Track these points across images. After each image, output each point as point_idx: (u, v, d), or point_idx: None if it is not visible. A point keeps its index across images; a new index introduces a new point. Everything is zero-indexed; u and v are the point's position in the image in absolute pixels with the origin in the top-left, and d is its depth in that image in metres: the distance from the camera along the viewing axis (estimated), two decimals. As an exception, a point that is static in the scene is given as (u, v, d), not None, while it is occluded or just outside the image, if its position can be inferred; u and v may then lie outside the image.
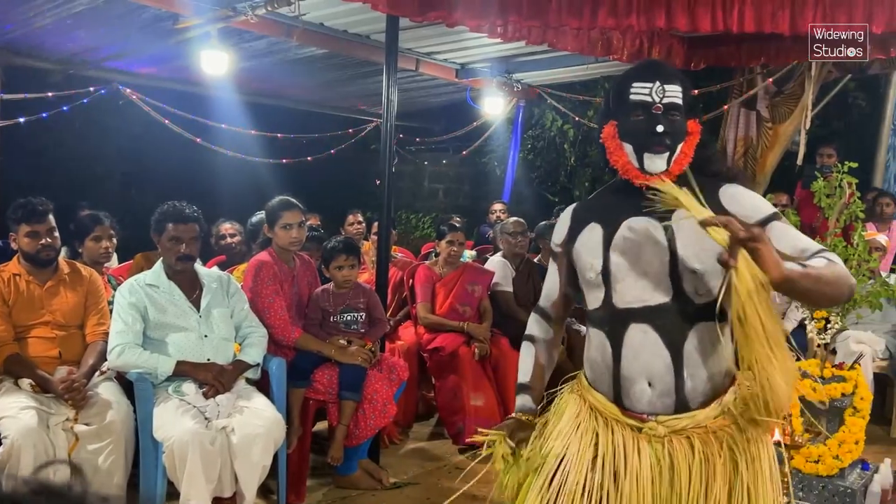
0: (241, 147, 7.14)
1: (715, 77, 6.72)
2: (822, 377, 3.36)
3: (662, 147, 1.81)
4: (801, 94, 6.47)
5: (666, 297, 1.79)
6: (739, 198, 1.81)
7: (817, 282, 1.60)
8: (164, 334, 3.39)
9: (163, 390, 3.31)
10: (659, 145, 1.81)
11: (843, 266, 1.68)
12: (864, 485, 3.32)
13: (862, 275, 3.44)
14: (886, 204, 6.00)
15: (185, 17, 5.14)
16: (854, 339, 4.82)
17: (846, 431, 3.31)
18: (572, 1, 4.48)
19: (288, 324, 3.82)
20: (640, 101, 1.83)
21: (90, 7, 4.90)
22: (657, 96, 1.82)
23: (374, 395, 3.82)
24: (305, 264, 4.14)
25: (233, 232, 5.07)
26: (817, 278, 1.60)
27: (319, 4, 4.96)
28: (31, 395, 3.17)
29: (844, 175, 3.42)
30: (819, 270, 1.61)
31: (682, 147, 1.84)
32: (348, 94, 8.05)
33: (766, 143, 6.77)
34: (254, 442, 3.19)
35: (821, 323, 3.41)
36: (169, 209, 3.50)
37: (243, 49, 5.89)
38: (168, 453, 3.08)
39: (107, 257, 4.19)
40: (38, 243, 3.37)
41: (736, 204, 1.79)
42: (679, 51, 5.99)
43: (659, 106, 1.82)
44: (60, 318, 3.42)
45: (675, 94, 1.84)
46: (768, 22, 4.49)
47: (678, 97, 1.84)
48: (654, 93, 1.83)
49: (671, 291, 1.79)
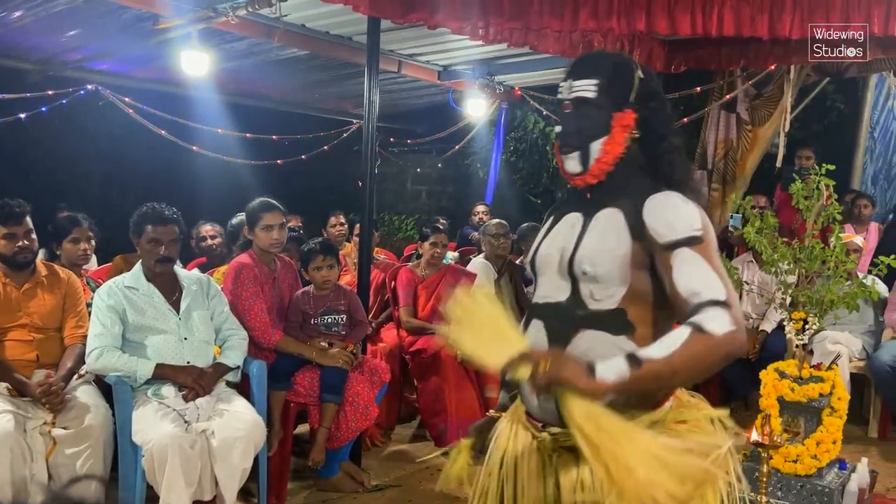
0: (223, 148, 7.10)
1: (695, 80, 6.77)
2: (800, 377, 3.39)
3: (568, 147, 1.70)
4: (781, 96, 6.54)
5: (563, 295, 1.67)
6: (660, 211, 1.59)
7: (657, 379, 1.43)
8: (143, 337, 3.37)
9: (142, 393, 3.28)
10: (564, 146, 1.71)
11: (721, 333, 1.43)
12: (842, 484, 3.35)
13: (839, 276, 3.47)
14: (864, 205, 6.06)
15: (165, 17, 5.10)
16: (831, 340, 4.86)
17: (824, 431, 3.33)
18: (553, 3, 4.50)
19: (269, 326, 3.81)
20: (559, 100, 1.74)
21: (69, 7, 4.87)
22: (566, 93, 1.71)
23: (355, 398, 3.81)
24: (286, 266, 4.12)
25: (213, 234, 5.05)
26: (655, 376, 1.42)
27: (301, 6, 4.95)
28: (8, 399, 3.14)
29: (822, 177, 3.46)
30: (662, 361, 1.41)
31: (602, 145, 1.67)
32: (330, 95, 8.03)
33: (745, 145, 6.83)
34: (234, 445, 3.17)
35: (799, 324, 3.43)
36: (148, 211, 3.48)
37: (224, 50, 5.87)
38: (147, 457, 3.05)
39: (85, 259, 4.15)
40: (16, 245, 3.33)
41: (653, 217, 1.59)
42: (660, 53, 6.03)
43: (568, 103, 1.71)
44: (38, 321, 3.38)
45: (585, 87, 1.67)
46: (747, 26, 4.53)
47: (589, 90, 1.67)
48: (565, 90, 1.72)
49: (568, 291, 1.66)
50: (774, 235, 3.54)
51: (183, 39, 5.34)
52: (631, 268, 1.59)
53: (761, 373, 3.50)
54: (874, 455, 4.48)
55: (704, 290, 1.48)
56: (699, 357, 1.43)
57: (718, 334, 1.42)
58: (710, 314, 1.45)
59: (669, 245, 1.55)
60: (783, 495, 3.30)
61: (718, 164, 6.93)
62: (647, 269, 1.60)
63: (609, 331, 1.59)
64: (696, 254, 1.53)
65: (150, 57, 6.04)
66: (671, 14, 4.58)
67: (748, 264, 5.42)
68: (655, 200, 1.60)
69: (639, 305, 1.60)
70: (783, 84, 6.48)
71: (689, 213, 1.58)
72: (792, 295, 3.49)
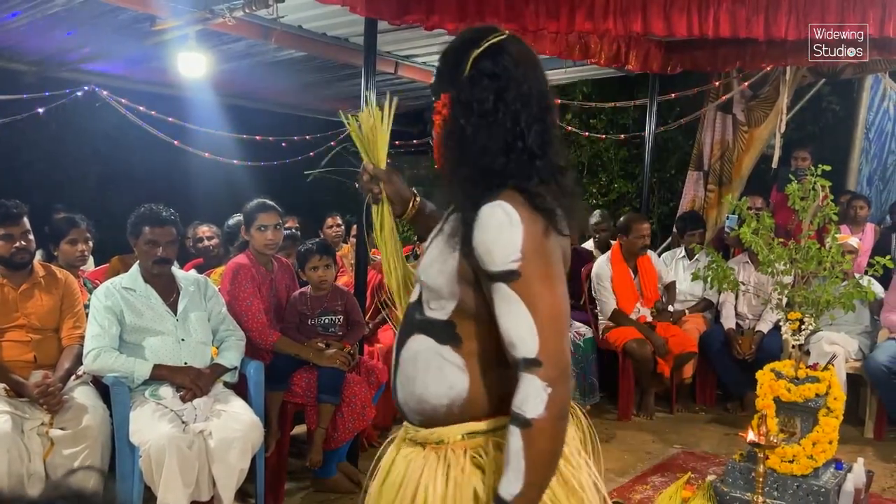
0: (219, 149, 7.08)
1: (692, 81, 6.79)
2: (797, 378, 3.40)
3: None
4: (777, 98, 6.57)
5: (415, 296, 1.59)
6: (481, 232, 1.38)
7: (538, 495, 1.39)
8: (140, 338, 3.37)
9: (139, 394, 3.28)
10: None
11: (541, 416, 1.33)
12: (838, 484, 3.35)
13: (836, 276, 3.49)
14: (860, 207, 6.08)
15: (162, 18, 5.10)
16: (827, 341, 4.88)
17: (820, 431, 3.34)
18: (550, 5, 4.51)
19: (266, 327, 3.81)
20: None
21: (66, 8, 4.86)
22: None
23: (352, 398, 3.81)
24: (283, 267, 4.12)
25: (210, 234, 5.05)
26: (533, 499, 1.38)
27: (298, 7, 4.95)
28: (6, 400, 3.14)
29: (818, 178, 3.47)
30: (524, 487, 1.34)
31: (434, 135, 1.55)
32: (327, 96, 8.03)
33: (741, 146, 6.86)
34: (231, 446, 3.17)
35: (795, 324, 3.44)
36: (145, 212, 3.48)
37: (221, 51, 5.87)
38: (145, 457, 3.06)
39: (82, 260, 4.15)
40: (13, 246, 3.34)
41: (476, 238, 1.39)
42: (656, 55, 6.05)
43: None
44: (35, 322, 3.38)
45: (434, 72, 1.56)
46: (743, 27, 4.55)
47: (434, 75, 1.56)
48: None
49: (418, 293, 1.57)
50: (770, 236, 3.55)
51: (180, 41, 5.33)
52: (460, 284, 1.46)
53: (758, 373, 3.51)
54: (870, 455, 4.50)
55: (518, 344, 1.35)
56: (545, 454, 1.35)
57: (541, 417, 1.33)
58: (525, 391, 1.34)
59: (489, 276, 1.38)
60: (779, 495, 3.31)
61: (714, 165, 6.95)
62: (476, 287, 1.45)
63: (436, 339, 1.50)
64: (511, 292, 1.35)
65: (147, 58, 6.04)
66: (667, 15, 4.59)
67: (744, 265, 5.44)
68: (482, 215, 1.38)
69: (468, 321, 1.47)
70: (779, 85, 6.51)
71: (508, 240, 1.35)
72: (788, 295, 3.51)
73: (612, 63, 5.84)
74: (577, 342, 5.33)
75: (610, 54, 5.72)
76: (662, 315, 5.47)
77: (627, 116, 8.74)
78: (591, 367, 5.37)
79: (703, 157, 7.00)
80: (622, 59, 5.83)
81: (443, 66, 1.53)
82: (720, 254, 3.95)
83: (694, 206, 6.96)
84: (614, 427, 5.01)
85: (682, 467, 4.20)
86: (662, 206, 8.97)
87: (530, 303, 1.35)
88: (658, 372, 5.17)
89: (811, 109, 7.51)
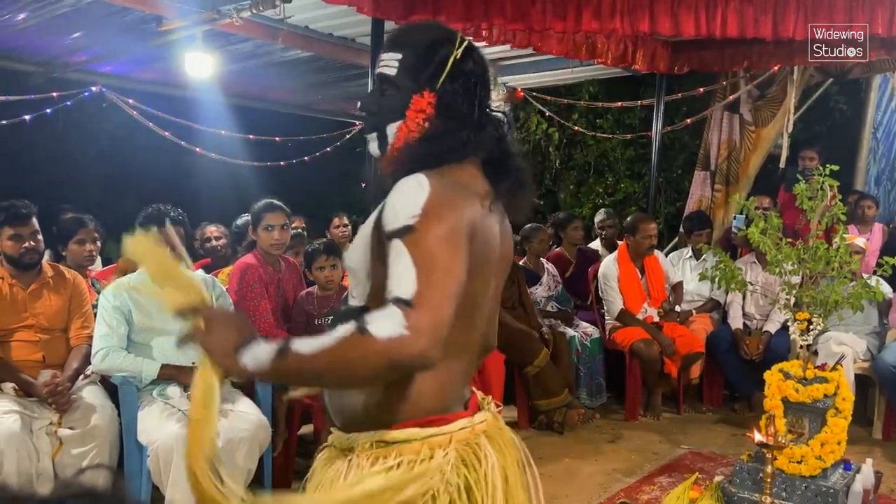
0: (226, 150, 7.12)
1: (699, 81, 6.78)
2: (805, 378, 3.39)
3: (367, 128, 1.53)
4: (784, 97, 6.55)
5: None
6: (392, 196, 1.33)
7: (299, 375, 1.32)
8: (148, 338, 3.38)
9: (147, 394, 3.29)
10: (364, 126, 1.55)
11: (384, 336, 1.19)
12: (847, 485, 3.34)
13: (844, 276, 3.47)
14: (868, 206, 6.05)
15: (169, 19, 5.11)
16: (835, 341, 4.86)
17: (828, 432, 3.33)
18: (556, 4, 4.51)
19: (274, 327, 3.81)
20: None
21: (73, 9, 4.88)
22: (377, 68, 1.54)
23: (359, 398, 3.81)
24: (291, 267, 4.13)
25: (217, 235, 5.05)
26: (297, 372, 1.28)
27: (304, 7, 4.96)
28: (15, 400, 3.15)
29: (826, 178, 3.45)
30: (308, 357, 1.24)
31: (397, 130, 1.47)
32: (334, 96, 8.04)
33: (749, 146, 6.84)
34: (239, 446, 3.18)
35: (803, 325, 3.43)
36: (153, 212, 3.49)
37: (228, 52, 5.88)
38: (153, 457, 3.06)
39: (91, 260, 4.16)
40: (22, 246, 3.35)
41: (390, 197, 1.34)
42: (663, 55, 6.04)
43: (375, 79, 1.53)
44: (44, 322, 3.39)
45: (388, 63, 1.49)
46: (751, 27, 4.54)
47: (391, 66, 1.48)
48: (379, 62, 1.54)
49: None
50: (778, 236, 3.53)
51: (187, 41, 5.35)
52: (372, 260, 1.38)
53: (766, 373, 3.50)
54: (878, 456, 4.48)
55: (395, 288, 1.24)
56: (350, 361, 1.22)
57: (381, 338, 1.19)
58: (383, 313, 1.22)
59: (387, 235, 1.30)
60: (787, 496, 3.30)
61: (722, 165, 6.93)
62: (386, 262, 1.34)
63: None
64: (403, 247, 1.26)
65: (154, 59, 6.05)
66: (675, 15, 4.59)
67: (752, 265, 5.43)
68: (398, 184, 1.34)
69: (379, 303, 1.31)
70: (786, 85, 6.49)
71: (413, 198, 1.30)
72: (796, 295, 3.49)
73: (618, 63, 5.84)
74: (583, 342, 5.33)
75: (617, 54, 5.72)
76: (669, 315, 5.46)
77: (634, 116, 8.72)
78: (598, 368, 5.36)
79: (710, 157, 6.99)
80: (629, 59, 5.83)
81: (416, 61, 1.47)
82: (728, 254, 3.94)
83: (701, 206, 6.95)
84: (621, 427, 5.00)
85: (690, 468, 4.18)
86: (669, 206, 8.95)
87: (419, 257, 1.25)
88: (665, 372, 5.16)
89: (819, 109, 7.49)
